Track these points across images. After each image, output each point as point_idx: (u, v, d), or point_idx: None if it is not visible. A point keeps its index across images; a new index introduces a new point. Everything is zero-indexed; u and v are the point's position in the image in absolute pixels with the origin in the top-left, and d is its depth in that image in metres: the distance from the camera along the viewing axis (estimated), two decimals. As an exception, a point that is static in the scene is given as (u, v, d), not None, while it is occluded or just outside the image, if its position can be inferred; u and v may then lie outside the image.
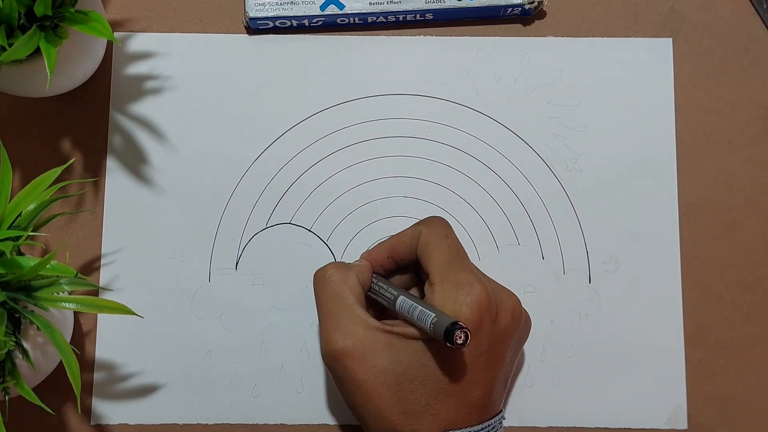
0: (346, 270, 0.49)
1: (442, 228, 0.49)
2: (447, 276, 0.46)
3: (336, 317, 0.46)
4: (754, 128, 0.57)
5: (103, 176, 0.56)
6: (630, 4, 0.58)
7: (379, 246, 0.51)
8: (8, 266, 0.43)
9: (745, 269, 0.56)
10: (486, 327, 0.45)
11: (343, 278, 0.48)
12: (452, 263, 0.47)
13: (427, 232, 0.48)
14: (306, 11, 0.57)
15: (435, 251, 0.47)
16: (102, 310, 0.46)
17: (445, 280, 0.46)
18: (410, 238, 0.49)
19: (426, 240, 0.48)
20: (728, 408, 0.55)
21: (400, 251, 0.50)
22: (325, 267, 0.49)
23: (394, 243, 0.50)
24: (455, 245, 0.48)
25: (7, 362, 0.45)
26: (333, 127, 0.57)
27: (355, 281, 0.48)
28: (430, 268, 0.47)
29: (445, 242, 0.48)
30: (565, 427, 0.55)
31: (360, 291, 0.48)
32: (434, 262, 0.47)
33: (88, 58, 0.53)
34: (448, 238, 0.48)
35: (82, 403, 0.54)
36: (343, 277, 0.48)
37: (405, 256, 0.50)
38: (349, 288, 0.47)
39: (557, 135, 0.57)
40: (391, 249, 0.50)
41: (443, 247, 0.47)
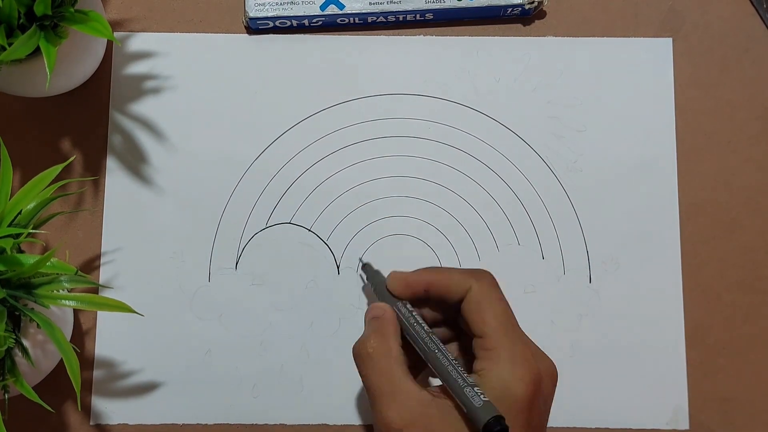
0: (386, 339, 0.45)
1: (495, 289, 0.45)
2: (503, 345, 0.43)
3: (387, 395, 0.43)
4: (754, 128, 0.57)
5: (103, 176, 0.56)
6: (630, 4, 0.59)
7: (418, 275, 0.47)
8: (8, 263, 0.43)
9: (745, 269, 0.56)
10: (537, 406, 0.42)
11: (386, 350, 0.45)
12: (508, 331, 0.43)
13: (480, 289, 0.45)
14: (306, 11, 0.57)
15: (489, 313, 0.44)
16: (102, 307, 0.46)
17: (501, 349, 0.43)
18: (457, 287, 0.45)
19: (478, 299, 0.44)
20: (729, 408, 0.55)
21: (439, 293, 0.46)
22: (364, 341, 0.45)
23: (435, 281, 0.46)
24: (509, 310, 0.45)
25: (7, 360, 0.45)
26: (333, 127, 0.57)
27: (397, 351, 0.45)
28: (485, 332, 0.43)
29: (500, 305, 0.44)
30: (565, 427, 0.55)
31: (403, 358, 0.45)
32: (489, 325, 0.43)
33: (88, 58, 0.53)
34: (502, 301, 0.45)
35: (82, 401, 0.54)
36: (386, 348, 0.45)
37: (443, 298, 0.46)
38: (395, 360, 0.44)
39: (557, 135, 0.57)
40: (430, 286, 0.47)
41: (498, 310, 0.44)
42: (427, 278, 0.47)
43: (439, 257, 0.56)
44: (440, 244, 0.56)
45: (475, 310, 0.44)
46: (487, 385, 0.41)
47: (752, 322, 0.56)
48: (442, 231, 0.56)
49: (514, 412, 0.41)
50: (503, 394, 0.41)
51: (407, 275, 0.47)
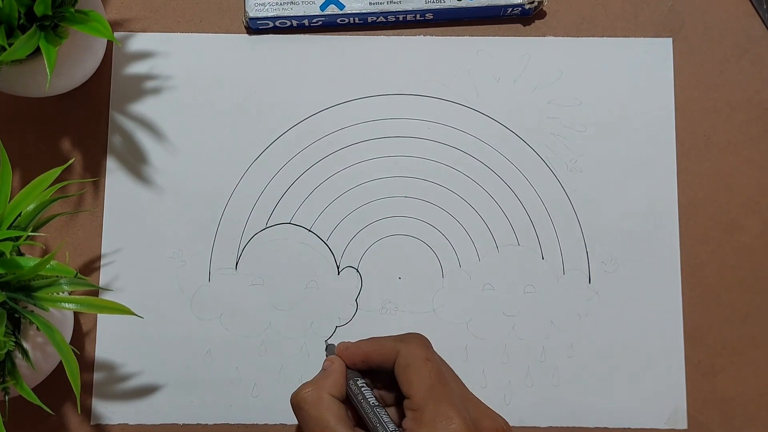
0: (319, 390, 0.47)
1: (422, 350, 0.46)
2: (427, 405, 0.44)
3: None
4: (754, 128, 0.57)
5: (103, 176, 0.56)
6: (630, 4, 0.58)
7: (356, 347, 0.49)
8: (8, 266, 0.43)
9: (744, 269, 0.56)
10: None
11: (317, 400, 0.46)
12: (433, 390, 0.44)
13: (407, 353, 0.46)
14: (306, 11, 0.57)
15: (415, 375, 0.45)
16: (101, 310, 0.46)
17: (425, 410, 0.44)
18: (388, 353, 0.47)
19: (405, 362, 0.46)
20: (728, 408, 0.55)
21: (375, 361, 0.48)
22: (299, 391, 0.47)
23: (370, 352, 0.48)
24: (436, 369, 0.46)
25: (7, 362, 0.45)
26: (333, 127, 0.57)
27: (329, 401, 0.46)
28: (410, 394, 0.45)
29: (426, 366, 0.45)
30: (565, 427, 0.55)
31: (338, 408, 0.46)
32: (414, 387, 0.45)
33: (88, 58, 0.53)
34: (429, 361, 0.46)
35: (82, 403, 0.54)
36: (318, 398, 0.46)
37: (380, 366, 0.48)
38: (326, 409, 0.46)
39: (557, 135, 0.57)
40: (366, 357, 0.48)
41: (423, 371, 0.45)
42: (363, 347, 0.49)
43: (439, 257, 0.56)
44: (440, 244, 0.56)
45: (402, 372, 0.46)
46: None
47: (751, 322, 0.56)
48: (442, 231, 0.56)
49: None
50: None
51: (346, 350, 0.49)
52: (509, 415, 0.54)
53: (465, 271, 0.56)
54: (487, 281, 0.56)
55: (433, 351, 0.47)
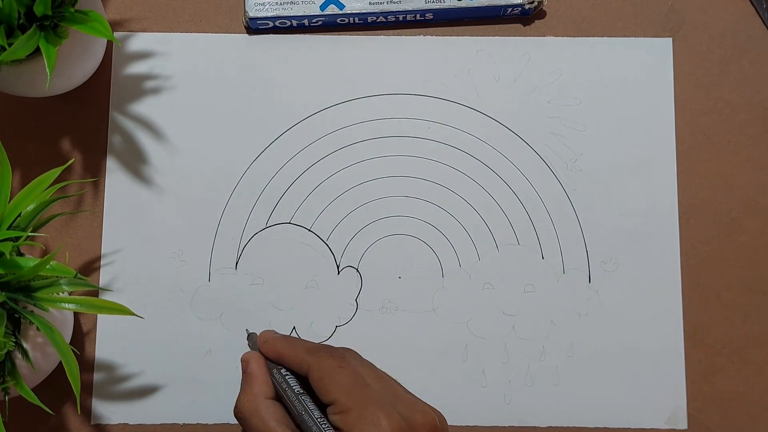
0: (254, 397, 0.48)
1: (332, 359, 0.47)
2: (350, 408, 0.44)
3: None
4: (754, 128, 0.57)
5: (103, 176, 0.56)
6: (630, 4, 0.58)
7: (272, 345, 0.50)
8: (8, 267, 0.43)
9: (745, 269, 0.56)
10: None
11: (255, 409, 0.47)
12: (352, 394, 0.45)
13: (318, 366, 0.46)
14: (306, 11, 0.57)
15: (331, 384, 0.45)
16: (101, 310, 0.46)
17: (349, 413, 0.44)
18: (299, 367, 0.48)
19: (318, 375, 0.46)
20: (728, 408, 0.55)
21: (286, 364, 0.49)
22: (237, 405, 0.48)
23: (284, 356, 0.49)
24: (352, 374, 0.46)
25: (7, 362, 0.45)
26: (333, 126, 0.57)
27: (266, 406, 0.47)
28: (331, 400, 0.45)
29: (340, 373, 0.46)
30: (565, 427, 0.55)
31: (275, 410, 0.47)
32: (333, 395, 0.45)
33: (88, 58, 0.53)
34: (342, 368, 0.46)
35: (82, 403, 0.54)
36: (255, 407, 0.47)
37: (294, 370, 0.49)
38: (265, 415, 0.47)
39: (557, 135, 0.57)
40: (280, 358, 0.49)
41: (338, 378, 0.45)
42: (278, 350, 0.50)
43: (439, 257, 0.56)
44: (440, 244, 0.56)
45: (318, 384, 0.46)
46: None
47: (751, 322, 0.56)
48: (442, 231, 0.56)
49: None
50: None
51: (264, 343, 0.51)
52: (509, 415, 0.54)
53: (465, 271, 0.56)
54: (487, 281, 0.56)
55: (346, 358, 0.47)
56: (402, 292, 0.56)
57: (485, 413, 0.55)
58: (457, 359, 0.55)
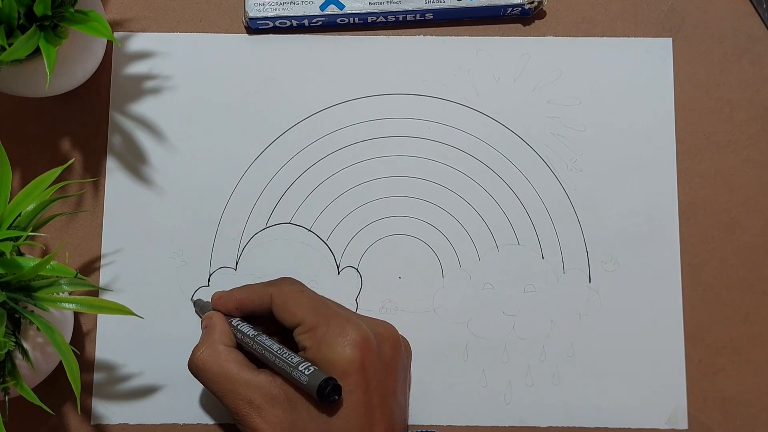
0: (212, 345, 0.48)
1: (296, 285, 0.49)
2: (317, 322, 0.46)
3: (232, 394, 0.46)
4: (754, 128, 0.57)
5: (103, 176, 0.56)
6: (630, 4, 0.58)
7: (229, 295, 0.51)
8: (8, 266, 0.43)
9: (745, 269, 0.56)
10: (371, 363, 0.45)
11: (214, 355, 0.48)
12: (318, 311, 0.46)
13: (280, 292, 0.48)
14: (306, 11, 0.57)
15: (295, 306, 0.47)
16: (101, 310, 0.46)
17: (316, 329, 0.45)
18: (261, 298, 0.49)
19: (282, 300, 0.48)
20: (728, 408, 0.55)
21: (248, 307, 0.50)
22: (193, 355, 0.48)
23: (243, 298, 0.50)
24: (313, 296, 0.48)
25: (7, 362, 0.45)
26: (333, 127, 0.57)
27: (226, 352, 0.48)
28: (297, 321, 0.46)
29: (303, 296, 0.48)
30: (565, 427, 0.55)
31: (235, 355, 0.48)
32: (299, 316, 0.46)
33: (88, 58, 0.53)
34: (303, 292, 0.48)
35: (83, 403, 0.54)
36: (214, 353, 0.48)
37: (254, 312, 0.50)
38: (225, 360, 0.47)
39: (557, 135, 0.57)
40: (240, 303, 0.50)
41: (302, 300, 0.47)
42: (235, 297, 0.50)
43: (439, 257, 0.56)
44: (440, 244, 0.56)
45: (282, 310, 0.47)
46: (315, 358, 0.45)
47: (752, 322, 0.56)
48: (442, 231, 0.56)
49: (346, 374, 0.44)
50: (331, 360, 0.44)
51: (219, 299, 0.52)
52: (509, 415, 0.55)
53: (465, 271, 0.56)
54: (487, 281, 0.56)
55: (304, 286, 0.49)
56: (402, 292, 0.56)
57: (485, 413, 0.55)
58: (457, 359, 0.55)
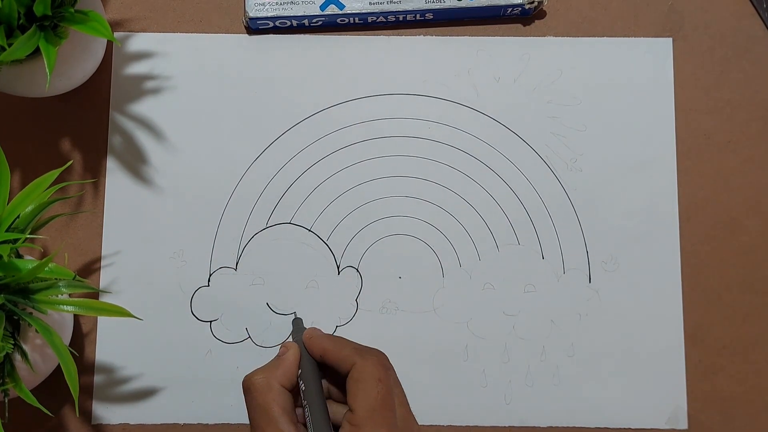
0: (270, 378, 0.48)
1: (377, 369, 0.47)
2: (365, 425, 0.45)
3: (260, 429, 0.46)
4: (754, 128, 0.57)
5: (103, 176, 0.56)
6: (630, 4, 0.58)
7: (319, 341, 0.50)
8: (6, 269, 0.43)
9: (745, 269, 0.56)
10: None
11: (267, 388, 0.47)
12: (375, 413, 0.45)
13: (362, 368, 0.47)
14: (306, 11, 0.57)
15: (362, 393, 0.46)
16: (100, 312, 0.46)
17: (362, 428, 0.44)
18: (345, 361, 0.48)
19: (358, 377, 0.46)
20: (728, 408, 0.55)
21: (330, 361, 0.49)
22: (251, 376, 0.48)
23: (329, 351, 0.49)
24: (384, 393, 0.46)
25: (6, 364, 0.45)
26: (333, 126, 0.57)
27: (277, 391, 0.47)
28: (354, 408, 0.45)
29: (376, 387, 0.46)
30: (565, 427, 0.55)
31: (284, 399, 0.47)
32: (359, 404, 0.45)
33: (88, 58, 0.53)
34: (380, 382, 0.46)
35: (83, 404, 0.54)
36: (267, 386, 0.47)
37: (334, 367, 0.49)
38: (273, 399, 0.47)
39: (557, 135, 0.57)
40: (324, 354, 0.49)
41: (372, 392, 0.46)
42: (323, 345, 0.49)
43: (439, 257, 0.56)
44: (440, 244, 0.56)
45: (353, 386, 0.46)
46: None
47: (752, 322, 0.56)
48: (442, 231, 0.56)
49: None
50: None
51: (310, 338, 0.50)
52: (509, 415, 0.55)
53: (465, 271, 0.56)
54: (488, 281, 0.56)
55: (389, 372, 0.48)
56: (402, 292, 0.56)
57: (485, 413, 0.55)
58: (457, 359, 0.55)
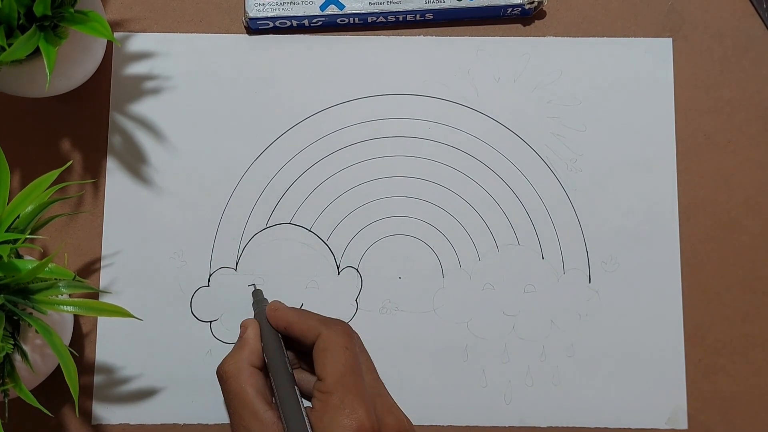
0: (239, 361, 0.48)
1: (342, 337, 0.48)
2: (336, 391, 0.45)
3: (237, 414, 0.47)
4: (754, 128, 0.57)
5: (103, 176, 0.56)
6: (630, 4, 0.58)
7: (283, 314, 0.50)
8: (6, 269, 0.43)
9: (745, 269, 0.56)
10: None
11: (237, 372, 0.48)
12: (344, 379, 0.46)
13: (328, 337, 0.48)
14: (306, 11, 0.57)
15: (330, 360, 0.47)
16: (100, 312, 0.46)
17: (333, 395, 0.45)
18: (310, 332, 0.48)
19: (324, 346, 0.47)
20: (728, 408, 0.55)
21: (295, 333, 0.49)
22: (222, 364, 0.49)
23: (294, 323, 0.49)
24: (352, 359, 0.47)
25: (6, 364, 0.45)
26: (333, 126, 0.57)
27: (248, 373, 0.48)
28: (323, 377, 0.46)
29: (343, 354, 0.47)
30: (565, 427, 0.55)
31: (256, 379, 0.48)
32: (328, 372, 0.46)
33: (87, 58, 0.53)
34: (347, 349, 0.47)
35: (83, 404, 0.54)
36: (238, 370, 0.48)
37: (299, 339, 0.49)
38: (245, 381, 0.47)
39: (557, 135, 0.57)
40: (289, 326, 0.50)
41: (339, 358, 0.47)
42: (287, 318, 0.50)
43: (439, 257, 0.56)
44: (440, 244, 0.56)
45: (319, 355, 0.47)
46: (316, 423, 0.45)
47: (752, 322, 0.56)
48: (442, 231, 0.56)
49: None
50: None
51: (274, 311, 0.51)
52: (509, 415, 0.55)
53: (465, 271, 0.56)
54: (487, 281, 0.56)
55: (354, 340, 0.49)
56: (402, 292, 0.56)
57: (485, 413, 0.55)
58: (457, 359, 0.55)
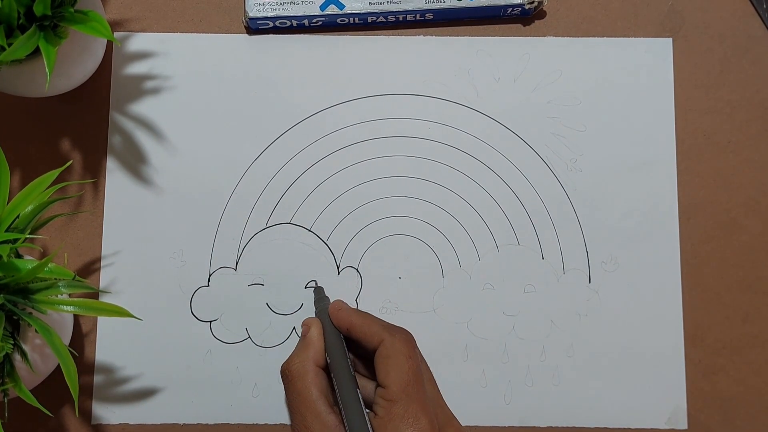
0: (304, 361, 0.48)
1: (405, 346, 0.48)
2: (400, 400, 0.45)
3: (300, 415, 0.47)
4: (754, 128, 0.57)
5: (103, 176, 0.56)
6: (630, 4, 0.58)
7: (346, 315, 0.50)
8: (6, 269, 0.43)
9: (745, 269, 0.56)
10: None
11: (303, 372, 0.48)
12: (408, 388, 0.46)
13: (391, 344, 0.47)
14: (306, 11, 0.57)
15: (394, 369, 0.46)
16: (100, 312, 0.46)
17: (397, 404, 0.45)
18: (372, 337, 0.48)
19: (387, 353, 0.47)
20: (728, 408, 0.55)
21: (358, 337, 0.49)
22: (288, 362, 0.49)
23: (356, 326, 0.49)
24: (415, 368, 0.47)
25: (6, 364, 0.45)
26: (333, 126, 0.57)
27: (314, 374, 0.48)
28: (386, 384, 0.46)
29: (407, 363, 0.47)
30: (565, 427, 0.55)
31: (321, 380, 0.48)
32: (391, 380, 0.46)
33: (87, 58, 0.53)
34: (410, 359, 0.47)
35: (83, 403, 0.54)
36: (304, 370, 0.48)
37: (360, 343, 0.49)
38: (311, 382, 0.47)
39: (557, 135, 0.57)
40: (351, 328, 0.50)
41: (403, 367, 0.46)
42: (350, 320, 0.50)
43: (439, 257, 0.56)
44: (440, 244, 0.56)
45: (382, 362, 0.47)
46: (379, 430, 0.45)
47: (752, 322, 0.56)
48: (442, 231, 0.56)
49: None
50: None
51: (337, 312, 0.51)
52: (509, 415, 0.55)
53: (465, 271, 0.56)
54: (487, 281, 0.56)
55: (416, 350, 0.49)
56: (402, 292, 0.56)
57: (485, 413, 0.55)
58: (457, 359, 0.55)
